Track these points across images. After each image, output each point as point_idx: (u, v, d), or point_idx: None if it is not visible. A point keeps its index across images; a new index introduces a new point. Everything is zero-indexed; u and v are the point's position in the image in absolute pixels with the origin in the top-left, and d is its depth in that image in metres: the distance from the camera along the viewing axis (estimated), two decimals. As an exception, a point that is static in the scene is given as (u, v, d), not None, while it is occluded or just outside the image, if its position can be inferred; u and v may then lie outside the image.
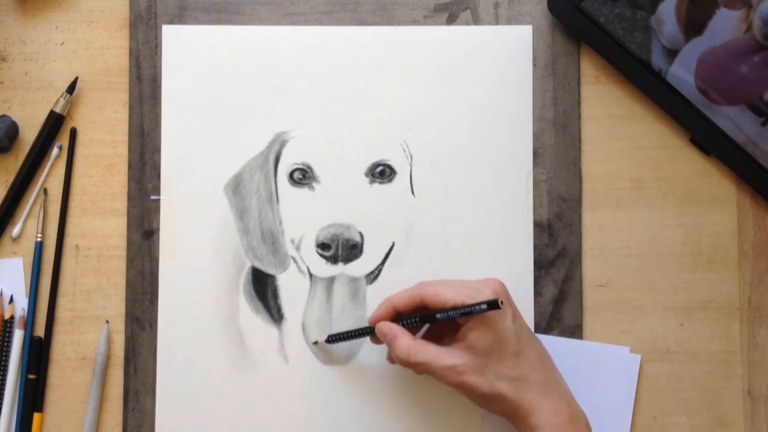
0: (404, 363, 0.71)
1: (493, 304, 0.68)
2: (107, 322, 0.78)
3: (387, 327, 0.72)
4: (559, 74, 0.80)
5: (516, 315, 0.71)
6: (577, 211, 0.79)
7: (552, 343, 0.77)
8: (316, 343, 0.78)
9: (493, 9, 0.80)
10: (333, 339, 0.76)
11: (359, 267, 0.78)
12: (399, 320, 0.72)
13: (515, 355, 0.69)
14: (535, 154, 0.80)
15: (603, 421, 0.76)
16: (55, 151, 0.79)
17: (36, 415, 0.77)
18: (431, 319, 0.71)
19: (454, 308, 0.69)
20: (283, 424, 0.78)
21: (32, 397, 0.77)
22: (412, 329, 0.72)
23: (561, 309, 0.78)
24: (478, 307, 0.68)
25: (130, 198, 0.79)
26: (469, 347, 0.69)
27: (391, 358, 0.74)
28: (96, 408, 0.77)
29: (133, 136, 0.80)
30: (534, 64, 0.80)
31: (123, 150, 0.80)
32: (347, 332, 0.76)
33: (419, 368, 0.70)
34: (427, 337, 0.73)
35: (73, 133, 0.80)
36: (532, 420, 0.69)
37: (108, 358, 0.78)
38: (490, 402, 0.70)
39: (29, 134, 0.80)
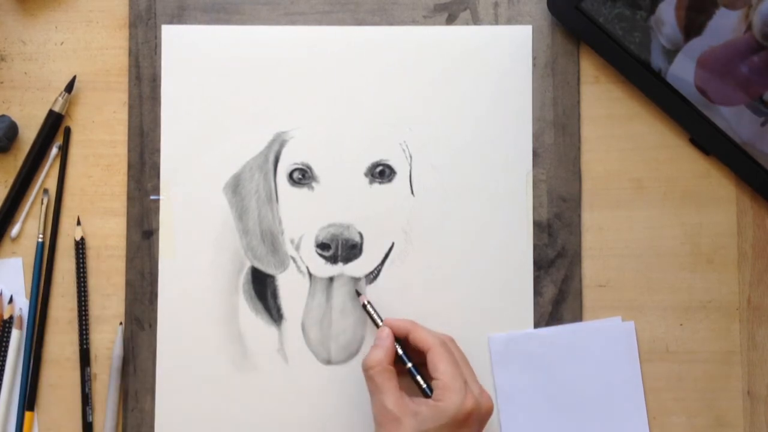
0: (364, 369, 0.72)
1: None
2: (121, 323, 0.78)
3: (385, 333, 0.74)
4: (559, 74, 0.80)
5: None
6: (577, 211, 0.79)
7: (545, 335, 0.77)
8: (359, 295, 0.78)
9: (493, 9, 0.80)
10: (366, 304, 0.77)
11: (359, 267, 0.78)
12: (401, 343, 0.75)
13: None
14: (535, 154, 0.79)
15: (617, 397, 0.76)
16: (54, 150, 0.79)
17: (33, 415, 0.77)
18: (408, 370, 0.74)
19: (428, 385, 0.72)
20: (283, 424, 0.78)
21: (31, 397, 0.77)
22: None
23: (561, 309, 0.78)
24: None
25: (129, 198, 0.79)
26: (419, 420, 0.69)
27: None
28: (115, 411, 0.77)
29: (132, 136, 0.79)
30: (534, 64, 0.80)
31: (122, 150, 0.80)
32: (371, 310, 0.77)
33: (368, 383, 0.72)
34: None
35: (67, 132, 0.79)
36: None
37: (107, 358, 0.78)
38: None
39: (29, 134, 0.80)
